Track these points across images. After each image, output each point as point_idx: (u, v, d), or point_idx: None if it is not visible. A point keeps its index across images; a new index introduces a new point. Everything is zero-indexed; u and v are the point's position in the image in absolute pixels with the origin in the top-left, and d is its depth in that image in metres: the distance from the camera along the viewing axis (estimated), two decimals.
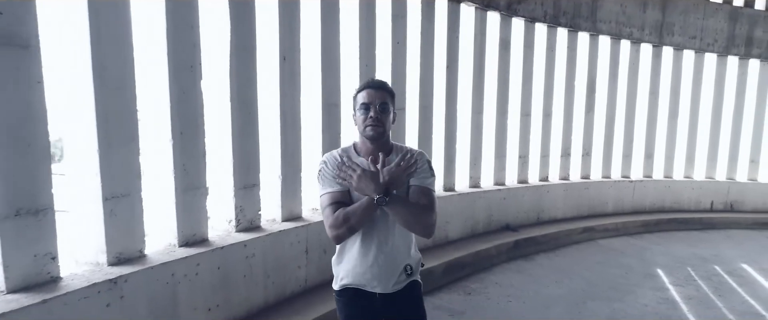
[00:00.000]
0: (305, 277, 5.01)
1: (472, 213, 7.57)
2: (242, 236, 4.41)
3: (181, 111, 3.83)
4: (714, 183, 11.04)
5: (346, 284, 2.64)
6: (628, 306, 5.99)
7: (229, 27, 4.17)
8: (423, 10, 6.55)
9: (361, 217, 2.45)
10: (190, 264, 3.80)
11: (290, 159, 4.94)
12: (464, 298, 5.99)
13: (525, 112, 8.48)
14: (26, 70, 2.82)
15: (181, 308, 3.75)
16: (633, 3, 9.52)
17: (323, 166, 2.58)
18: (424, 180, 2.56)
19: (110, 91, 3.29)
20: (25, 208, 2.91)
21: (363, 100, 2.53)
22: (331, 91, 5.33)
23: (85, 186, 3.33)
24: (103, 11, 3.22)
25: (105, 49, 3.24)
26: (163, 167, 3.84)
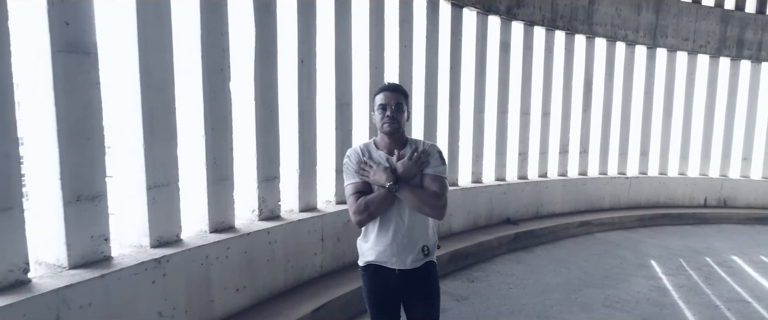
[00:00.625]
0: (321, 263, 5.42)
1: (475, 207, 7.98)
2: (265, 224, 4.82)
3: (213, 109, 4.25)
4: (707, 179, 11.43)
5: (369, 261, 3.05)
6: (621, 293, 6.38)
7: (254, 34, 4.59)
8: (428, 15, 6.97)
9: (379, 205, 2.88)
10: (221, 248, 4.22)
11: (307, 154, 5.36)
12: (468, 285, 6.39)
13: (524, 111, 8.90)
14: (88, 73, 3.24)
15: (213, 287, 4.16)
16: (628, 6, 9.94)
17: (347, 160, 3.00)
18: (435, 169, 2.96)
19: (154, 92, 3.71)
20: (84, 195, 3.32)
21: (381, 101, 2.94)
22: (344, 91, 5.75)
23: (131, 176, 3.74)
24: (150, 22, 3.64)
25: (150, 56, 3.66)
26: (196, 160, 4.25)
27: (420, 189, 2.89)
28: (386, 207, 2.89)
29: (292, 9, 5.02)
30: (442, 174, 2.98)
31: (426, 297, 3.07)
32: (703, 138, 11.36)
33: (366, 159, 2.93)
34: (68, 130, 3.18)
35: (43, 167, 3.14)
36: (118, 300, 3.37)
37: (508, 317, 5.45)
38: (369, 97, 6.10)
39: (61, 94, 3.10)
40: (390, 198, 2.87)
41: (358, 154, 3.00)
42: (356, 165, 2.94)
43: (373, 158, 2.94)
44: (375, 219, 2.94)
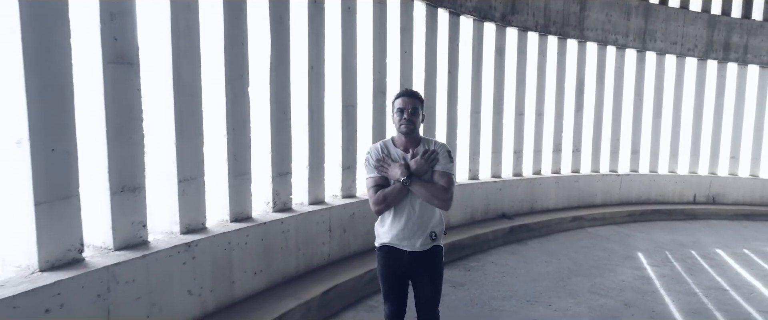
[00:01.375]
0: (328, 252, 5.93)
1: (471, 202, 8.49)
2: (278, 215, 5.33)
3: (234, 112, 4.75)
4: (697, 177, 11.91)
5: (384, 242, 3.55)
6: (607, 281, 6.87)
7: (269, 43, 5.09)
8: (427, 23, 7.48)
9: (395, 197, 3.39)
10: (241, 235, 4.73)
11: (316, 151, 5.87)
12: (464, 273, 6.89)
13: (519, 112, 9.41)
14: (131, 81, 3.75)
15: (235, 270, 4.67)
16: (618, 12, 10.44)
17: (368, 156, 3.50)
18: (444, 166, 3.46)
19: (185, 97, 4.22)
20: (127, 186, 3.83)
21: (399, 105, 3.44)
22: (349, 94, 6.26)
23: (163, 170, 4.25)
24: (182, 36, 4.15)
25: (181, 65, 4.17)
26: (218, 157, 4.76)
27: (430, 184, 3.39)
28: (401, 198, 3.40)
29: (303, 20, 5.53)
30: (450, 171, 3.48)
31: (431, 277, 3.56)
32: (692, 137, 11.84)
33: (384, 156, 3.43)
34: (114, 130, 3.69)
35: (93, 162, 3.65)
36: (156, 278, 3.88)
37: (501, 301, 5.94)
38: (373, 100, 6.62)
39: (110, 98, 3.61)
40: (404, 191, 3.38)
41: (378, 151, 3.50)
42: (376, 161, 3.44)
43: (390, 155, 3.45)
44: (391, 208, 3.44)
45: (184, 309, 4.15)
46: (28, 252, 3.25)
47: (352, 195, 6.49)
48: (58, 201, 3.32)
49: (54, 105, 3.25)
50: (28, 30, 3.06)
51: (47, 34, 3.19)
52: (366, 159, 3.50)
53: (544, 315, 5.56)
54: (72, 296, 3.23)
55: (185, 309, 4.16)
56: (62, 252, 3.40)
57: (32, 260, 3.25)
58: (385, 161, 3.41)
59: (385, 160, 3.42)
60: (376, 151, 3.51)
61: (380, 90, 6.73)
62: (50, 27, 3.20)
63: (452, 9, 7.87)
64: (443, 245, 3.64)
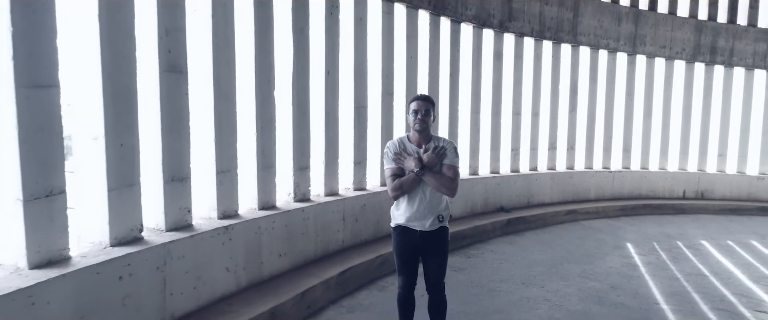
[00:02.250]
0: (342, 239, 6.57)
1: (471, 196, 9.14)
2: (299, 205, 5.97)
3: (262, 112, 5.40)
4: (686, 173, 12.54)
5: (399, 223, 4.19)
6: (597, 267, 7.50)
7: (292, 52, 5.74)
8: (431, 31, 8.14)
9: (409, 185, 4.03)
10: (268, 221, 5.37)
11: (331, 148, 6.52)
12: (465, 260, 7.53)
13: (516, 112, 10.06)
14: (181, 86, 4.40)
15: (263, 252, 5.31)
16: (609, 18, 11.09)
17: (387, 150, 4.14)
18: (451, 160, 4.09)
19: (222, 100, 4.86)
20: (176, 176, 4.48)
21: (414, 107, 4.09)
22: (361, 96, 6.91)
23: (204, 163, 4.89)
24: (221, 48, 4.79)
25: (220, 72, 4.82)
26: (247, 152, 5.40)
27: (439, 175, 4.04)
28: (414, 186, 4.04)
29: (321, 31, 6.18)
30: (456, 165, 4.13)
31: (438, 253, 4.20)
32: (681, 136, 12.47)
33: (401, 150, 4.08)
34: (167, 128, 4.33)
35: (150, 155, 4.29)
36: (201, 256, 4.52)
37: (498, 283, 6.58)
38: (382, 102, 7.27)
39: (164, 101, 4.26)
40: (417, 180, 4.02)
41: (396, 145, 4.15)
42: (394, 154, 4.09)
43: (406, 149, 4.10)
44: (405, 194, 4.09)
45: (223, 283, 4.80)
46: (102, 231, 3.89)
47: (363, 188, 7.13)
48: (124, 188, 3.97)
49: (123, 107, 3.89)
50: (106, 46, 3.71)
51: (119, 49, 3.84)
52: (385, 152, 4.15)
53: (536, 295, 6.19)
54: (138, 267, 3.88)
55: (223, 284, 4.80)
56: (127, 231, 4.04)
57: (105, 237, 3.89)
58: (401, 154, 4.06)
59: (402, 153, 4.06)
60: (394, 145, 4.15)
61: (388, 92, 7.38)
62: (121, 43, 3.85)
63: (454, 17, 8.52)
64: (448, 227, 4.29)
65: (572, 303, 5.96)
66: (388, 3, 7.25)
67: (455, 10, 8.51)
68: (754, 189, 12.68)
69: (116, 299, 3.71)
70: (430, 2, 7.98)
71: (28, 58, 3.17)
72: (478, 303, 5.83)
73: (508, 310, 5.66)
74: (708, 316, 5.81)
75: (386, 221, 6.81)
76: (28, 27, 3.17)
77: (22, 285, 3.05)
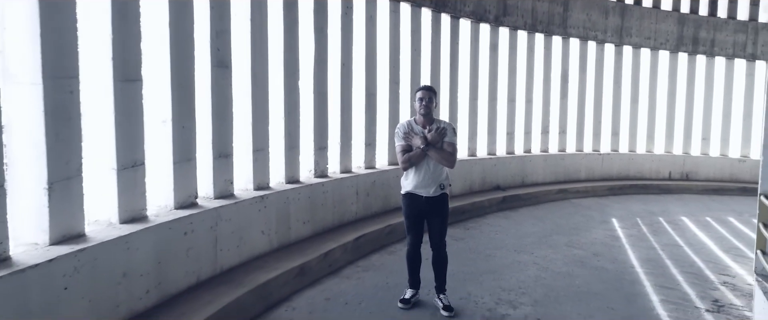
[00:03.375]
0: (355, 211, 7.48)
1: (470, 175, 10.05)
2: (319, 180, 6.88)
3: (289, 100, 6.29)
4: (671, 156, 13.43)
5: (408, 190, 5.09)
6: (582, 238, 8.40)
7: (313, 48, 6.64)
8: (432, 26, 9.02)
9: (417, 159, 4.94)
10: (295, 193, 6.28)
11: (346, 131, 7.42)
12: (464, 231, 8.45)
13: (511, 99, 10.95)
14: (227, 79, 5.29)
15: (291, 219, 6.22)
16: (597, 12, 11.95)
17: (398, 130, 5.04)
18: (450, 138, 4.99)
19: (259, 89, 5.76)
20: (223, 153, 5.38)
21: (419, 96, 5.00)
22: (371, 84, 7.81)
23: (243, 143, 5.79)
24: (257, 45, 5.69)
25: (257, 66, 5.71)
26: (276, 134, 6.30)
27: (441, 150, 4.94)
28: (420, 160, 4.94)
29: (337, 28, 7.08)
30: (454, 142, 5.04)
31: (440, 215, 5.13)
32: (666, 120, 13.34)
33: (409, 130, 4.98)
34: (217, 114, 5.23)
35: (202, 136, 5.19)
36: (242, 219, 5.43)
37: (493, 250, 7.49)
38: (389, 90, 8.16)
39: (214, 91, 5.16)
40: (423, 155, 4.92)
41: (405, 126, 5.05)
42: (404, 133, 4.98)
43: (413, 129, 5.00)
44: (413, 166, 4.99)
45: (259, 244, 5.71)
46: (167, 196, 4.80)
47: (373, 166, 8.04)
48: (185, 162, 4.87)
49: (185, 96, 4.80)
50: (174, 48, 4.61)
51: (183, 50, 4.74)
52: (396, 132, 5.05)
53: (526, 260, 7.10)
54: (197, 226, 4.80)
55: (259, 244, 5.72)
56: (185, 197, 4.95)
57: (170, 201, 4.81)
58: (409, 134, 4.96)
59: (410, 133, 4.96)
60: (403, 126, 5.06)
61: (395, 81, 8.28)
62: (184, 45, 4.75)
63: (453, 13, 9.40)
64: (449, 194, 5.20)
65: (557, 266, 6.86)
66: (394, 2, 8.13)
67: (454, 7, 9.39)
68: (736, 170, 13.52)
69: (182, 250, 4.63)
70: (432, 0, 8.86)
71: (122, 58, 4.06)
72: (474, 265, 6.75)
73: (501, 271, 6.56)
74: (676, 278, 6.69)
75: (393, 196, 7.79)
76: (122, 34, 4.07)
77: (121, 234, 3.97)
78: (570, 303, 5.59)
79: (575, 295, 5.81)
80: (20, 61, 3.37)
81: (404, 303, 5.19)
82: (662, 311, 5.51)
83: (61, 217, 3.60)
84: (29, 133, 3.43)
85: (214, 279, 4.97)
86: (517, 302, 5.52)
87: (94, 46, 3.94)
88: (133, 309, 4.04)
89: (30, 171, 3.45)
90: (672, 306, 5.63)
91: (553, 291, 5.92)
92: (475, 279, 6.17)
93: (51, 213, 3.52)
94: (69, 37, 3.63)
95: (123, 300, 3.93)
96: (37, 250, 3.44)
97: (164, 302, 4.35)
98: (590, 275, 6.57)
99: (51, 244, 3.54)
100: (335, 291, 5.64)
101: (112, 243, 3.85)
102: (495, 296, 5.65)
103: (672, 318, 5.34)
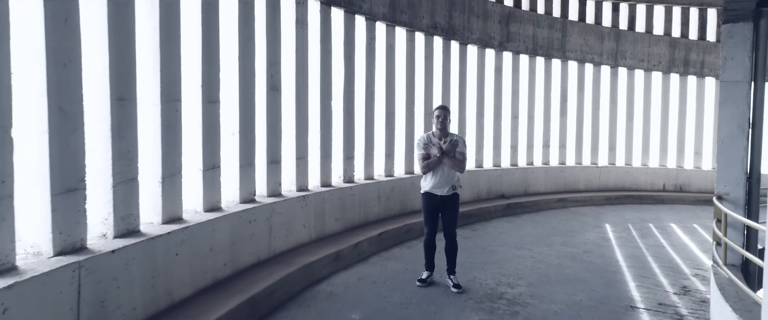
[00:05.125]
0: (377, 212, 8.71)
1: (477, 184, 11.26)
2: (347, 185, 8.12)
3: (324, 116, 7.56)
4: (665, 169, 14.53)
5: (426, 190, 6.30)
6: (576, 239, 9.54)
7: (343, 74, 7.92)
8: (443, 52, 10.32)
9: (434, 165, 6.16)
10: (329, 195, 7.51)
11: (369, 143, 8.69)
12: (471, 232, 9.64)
13: (514, 115, 12.19)
14: (278, 100, 6.58)
15: (325, 216, 7.45)
16: (593, 37, 13.20)
17: (419, 141, 6.28)
18: (461, 148, 6.21)
19: (301, 108, 7.04)
20: (273, 160, 6.63)
21: (436, 113, 6.23)
22: (390, 105, 9.09)
23: (288, 152, 7.03)
24: (300, 72, 6.98)
25: (300, 89, 7.00)
26: (313, 145, 7.55)
27: (453, 158, 6.15)
28: (437, 166, 6.16)
29: (362, 57, 8.38)
30: (464, 152, 6.26)
31: (452, 211, 6.34)
32: (660, 136, 14.46)
33: (428, 141, 6.21)
34: (270, 128, 6.50)
35: (259, 145, 6.44)
36: (290, 214, 6.67)
37: (497, 246, 8.67)
38: (406, 109, 9.42)
39: (269, 111, 6.45)
40: (438, 162, 6.14)
41: (425, 138, 6.28)
42: (424, 144, 6.21)
43: (431, 141, 6.22)
44: (431, 171, 6.20)
45: (301, 235, 6.95)
46: (234, 193, 6.06)
47: (391, 175, 9.27)
48: (248, 166, 6.14)
49: (248, 113, 6.09)
50: (242, 75, 5.91)
51: (247, 77, 6.03)
52: (417, 142, 6.29)
53: (525, 255, 8.26)
54: (258, 216, 6.05)
55: (301, 235, 6.96)
56: (247, 194, 6.20)
57: (236, 197, 6.06)
58: (428, 145, 6.19)
59: (429, 144, 6.19)
60: (423, 138, 6.29)
61: (411, 101, 9.54)
62: (249, 72, 6.06)
63: (461, 40, 10.69)
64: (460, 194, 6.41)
65: (551, 260, 8.02)
66: (410, 32, 9.43)
67: (463, 35, 10.67)
68: None
69: (247, 235, 5.87)
70: (443, 30, 10.16)
71: (208, 83, 5.36)
72: (480, 257, 7.93)
73: (502, 262, 7.74)
74: (654, 270, 7.81)
75: (410, 200, 9.01)
76: (208, 65, 5.37)
77: (208, 219, 5.22)
78: (558, 285, 6.75)
79: (564, 280, 6.96)
80: (145, 89, 4.65)
81: (421, 282, 6.39)
82: (636, 294, 6.65)
83: (169, 204, 4.87)
84: (151, 140, 4.70)
85: (270, 260, 6.21)
86: (514, 284, 6.69)
87: (191, 77, 5.21)
88: (217, 276, 5.29)
89: (150, 169, 4.72)
90: (645, 290, 6.77)
91: (545, 277, 7.08)
92: (480, 267, 7.35)
93: (163, 200, 4.79)
94: (176, 71, 4.93)
95: (209, 269, 5.18)
96: (154, 227, 4.70)
97: (236, 273, 5.60)
98: (579, 267, 7.72)
99: (163, 223, 4.80)
100: (364, 273, 6.86)
101: (203, 224, 5.10)
102: (496, 279, 6.83)
103: (643, 297, 6.49)
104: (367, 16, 8.37)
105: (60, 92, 3.61)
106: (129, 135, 4.36)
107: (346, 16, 7.98)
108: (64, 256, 3.64)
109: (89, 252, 3.82)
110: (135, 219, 4.47)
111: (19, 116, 3.36)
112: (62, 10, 3.62)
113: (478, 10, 11.03)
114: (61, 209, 3.66)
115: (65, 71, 3.65)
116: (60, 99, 3.61)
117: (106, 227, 4.22)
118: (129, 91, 4.34)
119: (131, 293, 4.12)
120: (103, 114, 4.10)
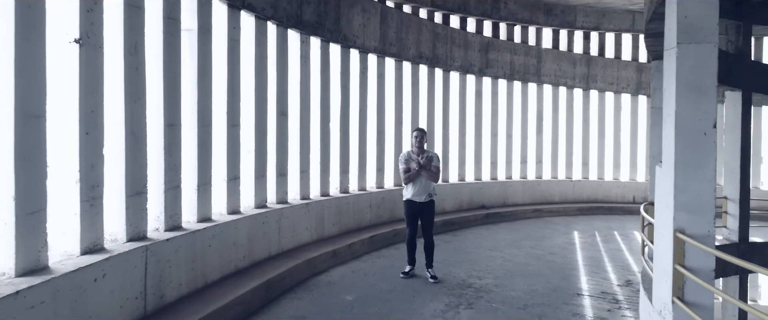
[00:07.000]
0: (369, 219, 10.01)
1: (459, 196, 12.58)
2: (343, 194, 9.43)
3: (323, 135, 8.87)
4: (635, 183, 15.83)
5: (408, 198, 7.60)
6: (546, 243, 10.83)
7: (340, 98, 9.25)
8: (428, 78, 11.69)
9: (414, 177, 7.48)
10: (327, 203, 8.82)
11: (362, 159, 10.01)
12: (452, 237, 10.93)
13: (493, 134, 13.55)
14: (285, 123, 7.91)
15: (324, 221, 8.75)
16: (566, 63, 14.61)
17: (401, 157, 7.61)
18: (436, 163, 7.51)
19: (304, 130, 8.37)
20: (281, 173, 7.94)
21: (415, 135, 7.57)
22: (381, 125, 10.42)
23: (293, 166, 8.34)
24: (303, 99, 8.31)
25: (303, 114, 8.33)
26: (313, 160, 8.86)
27: (429, 171, 7.46)
28: (416, 178, 7.47)
29: (356, 85, 9.72)
30: (438, 165, 7.57)
31: (429, 215, 7.64)
32: (630, 152, 15.80)
33: (408, 157, 7.52)
34: (279, 146, 7.82)
35: (269, 160, 7.74)
36: (295, 218, 7.96)
37: (473, 249, 9.97)
38: (394, 129, 10.76)
39: (278, 132, 7.77)
40: (417, 174, 7.46)
41: (406, 155, 7.60)
42: (405, 160, 7.52)
43: (411, 157, 7.53)
44: (411, 182, 7.51)
45: (304, 236, 8.25)
46: (249, 199, 7.35)
47: (381, 186, 10.59)
48: (260, 178, 7.45)
49: (261, 135, 7.41)
50: (258, 102, 7.24)
51: (262, 103, 7.35)
52: (400, 158, 7.62)
53: (496, 255, 9.56)
54: (269, 219, 7.34)
55: (304, 236, 8.25)
56: (260, 201, 7.50)
57: (251, 203, 7.35)
58: (409, 160, 7.51)
59: (409, 159, 7.52)
60: (404, 155, 7.62)
61: (399, 122, 10.89)
62: (262, 99, 7.38)
63: (445, 68, 12.09)
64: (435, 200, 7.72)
65: (519, 259, 9.32)
66: (398, 62, 10.80)
67: (446, 63, 12.07)
68: None
69: (260, 233, 7.16)
70: (428, 59, 11.55)
71: (232, 110, 6.69)
72: (456, 257, 9.23)
73: (475, 261, 9.03)
74: (607, 268, 9.11)
75: (397, 209, 10.37)
76: (232, 95, 6.70)
77: (231, 219, 6.52)
78: (520, 278, 8.04)
79: (526, 275, 8.26)
80: (186, 116, 5.97)
81: (404, 274, 7.68)
82: (585, 285, 7.95)
83: (202, 207, 6.18)
84: (189, 156, 6.02)
85: (279, 255, 7.51)
86: (483, 277, 7.99)
87: (218, 105, 6.55)
88: (238, 266, 6.59)
89: (189, 179, 6.03)
90: (594, 283, 8.07)
91: (510, 272, 8.38)
92: (456, 264, 8.65)
93: (198, 203, 6.09)
94: (208, 101, 6.26)
95: (232, 259, 6.48)
96: (192, 224, 6.00)
97: (253, 264, 6.90)
98: (542, 265, 9.01)
99: (197, 221, 6.10)
100: (357, 267, 8.17)
101: (228, 224, 6.41)
102: (468, 273, 8.13)
103: (590, 287, 7.79)
104: (360, 49, 9.74)
105: (133, 121, 4.94)
106: (175, 152, 5.68)
107: (343, 51, 9.35)
108: (133, 242, 4.94)
109: (150, 240, 5.12)
110: (179, 217, 5.78)
111: (108, 140, 4.69)
112: (134, 61, 4.96)
113: (460, 41, 12.43)
114: (132, 207, 4.96)
115: (136, 105, 4.99)
116: (133, 126, 4.94)
117: (159, 223, 5.52)
118: (176, 118, 5.67)
119: (179, 272, 5.42)
120: (158, 136, 5.41)
